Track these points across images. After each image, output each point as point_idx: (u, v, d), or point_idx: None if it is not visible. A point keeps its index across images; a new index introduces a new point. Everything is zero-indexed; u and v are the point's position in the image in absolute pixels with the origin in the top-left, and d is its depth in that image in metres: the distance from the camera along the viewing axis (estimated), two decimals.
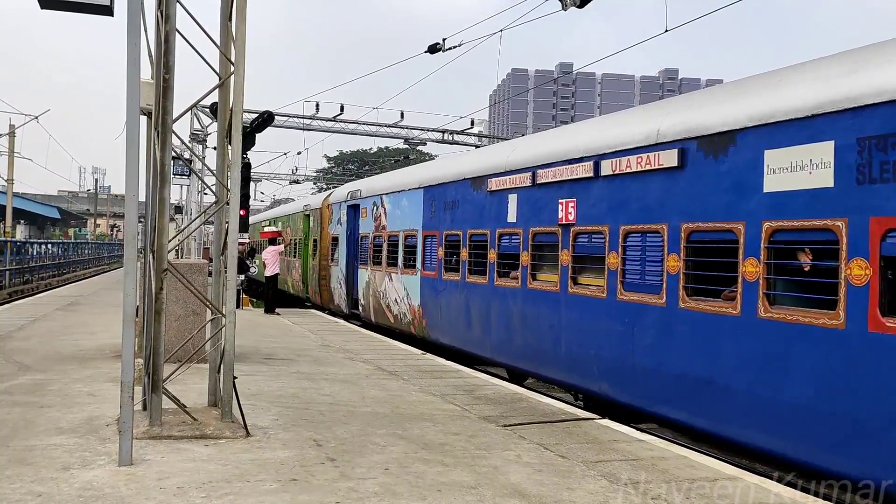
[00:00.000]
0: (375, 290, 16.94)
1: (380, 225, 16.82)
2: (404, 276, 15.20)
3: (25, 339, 12.57)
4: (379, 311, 16.73)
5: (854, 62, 6.32)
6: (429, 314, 13.98)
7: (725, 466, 6.35)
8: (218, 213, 7.21)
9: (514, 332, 11.02)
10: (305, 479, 5.41)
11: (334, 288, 20.65)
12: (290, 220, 28.98)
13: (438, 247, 13.56)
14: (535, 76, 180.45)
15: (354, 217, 19.00)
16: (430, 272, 13.90)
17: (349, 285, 19.28)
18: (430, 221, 13.99)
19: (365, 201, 18.24)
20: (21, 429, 6.54)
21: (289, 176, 54.91)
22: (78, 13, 7.11)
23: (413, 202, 15.00)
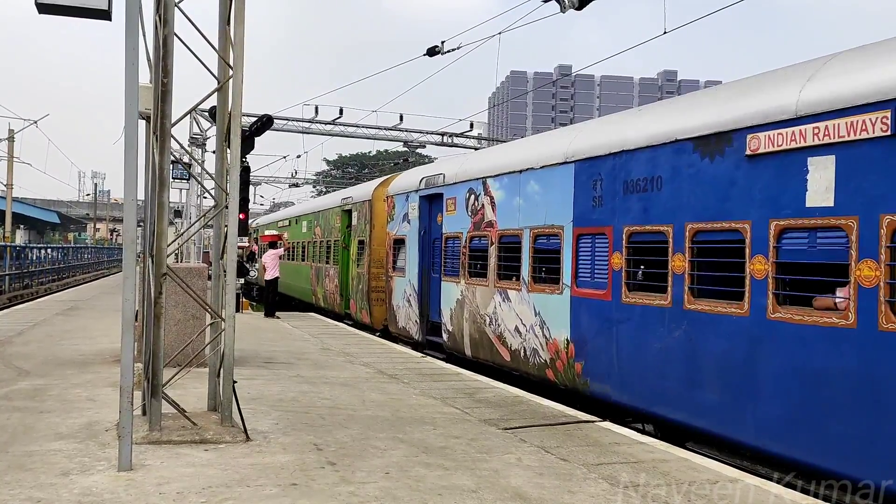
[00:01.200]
0: (474, 312, 11.93)
1: (482, 221, 11.83)
2: (534, 294, 10.23)
3: (25, 344, 12.56)
4: (480, 342, 11.76)
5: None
6: (590, 355, 9.05)
7: (726, 468, 6.33)
8: (217, 217, 7.20)
9: (836, 407, 6.04)
10: (306, 483, 5.39)
11: (398, 306, 15.45)
12: (319, 218, 24.01)
13: (612, 252, 8.67)
14: (534, 78, 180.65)
15: (431, 211, 14.22)
16: (594, 291, 9.00)
17: (423, 304, 14.24)
18: (591, 213, 9.12)
19: (452, 189, 13.11)
20: (20, 434, 6.52)
21: (288, 179, 54.96)
22: (76, 18, 7.10)
23: (552, 185, 10.00)
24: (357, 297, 18.81)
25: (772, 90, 6.98)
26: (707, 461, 6.57)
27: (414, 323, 14.63)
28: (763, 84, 7.24)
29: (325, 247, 22.70)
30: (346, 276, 20.03)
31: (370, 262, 17.57)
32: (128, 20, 5.63)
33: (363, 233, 18.42)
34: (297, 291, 27.33)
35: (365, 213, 18.44)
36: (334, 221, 21.71)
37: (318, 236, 23.78)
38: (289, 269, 28.33)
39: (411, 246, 14.84)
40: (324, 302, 22.78)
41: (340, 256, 20.63)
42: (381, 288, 17.01)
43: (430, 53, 19.89)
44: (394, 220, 15.96)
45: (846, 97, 6.12)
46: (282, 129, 27.67)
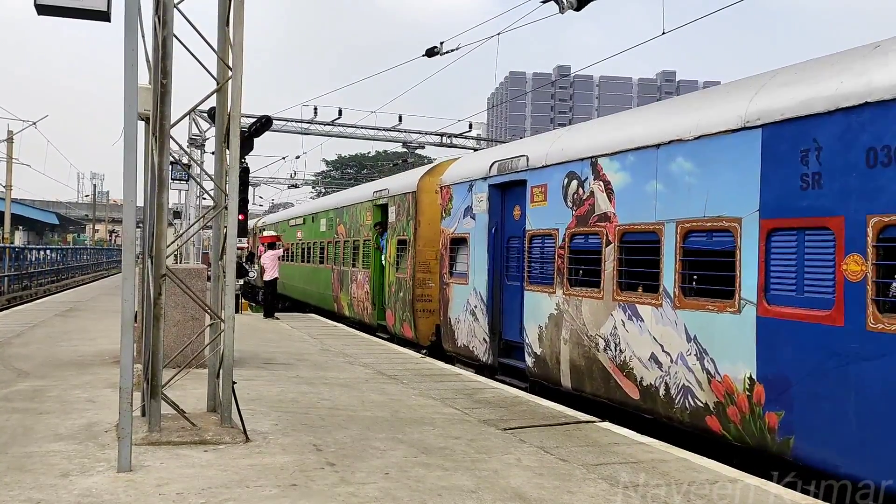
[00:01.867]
0: (579, 332, 9.21)
1: (590, 214, 9.12)
2: (685, 312, 7.58)
3: (24, 346, 12.55)
4: (588, 371, 9.04)
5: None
6: (798, 404, 6.37)
7: (726, 468, 6.33)
8: (216, 218, 7.21)
9: None
10: (305, 484, 5.39)
11: (457, 320, 12.69)
12: (343, 214, 20.91)
13: (842, 254, 6.00)
14: (533, 79, 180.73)
15: (504, 203, 11.52)
16: (808, 311, 6.30)
17: (494, 318, 11.54)
18: (798, 198, 6.45)
19: (541, 175, 10.25)
20: (20, 435, 6.52)
21: (287, 180, 54.92)
22: (75, 19, 7.10)
23: (717, 162, 7.35)
24: (396, 306, 15.74)
25: None
26: (706, 461, 6.57)
27: (481, 342, 11.78)
28: None
29: (352, 247, 19.69)
30: (380, 281, 17.24)
31: (415, 265, 14.77)
32: (127, 21, 5.63)
33: (405, 231, 15.46)
34: (315, 298, 24.42)
35: (407, 208, 15.47)
36: (363, 218, 18.68)
37: (342, 235, 20.73)
38: (304, 273, 26.27)
39: (476, 246, 12.03)
40: (349, 310, 19.72)
41: (372, 258, 17.66)
42: (428, 296, 14.54)
43: (429, 54, 19.90)
44: (450, 216, 13.08)
45: None
46: (281, 130, 27.66)
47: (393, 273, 16.10)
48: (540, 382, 10.22)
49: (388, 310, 16.37)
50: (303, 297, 26.30)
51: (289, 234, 29.83)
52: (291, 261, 28.69)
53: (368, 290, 17.92)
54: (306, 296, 25.80)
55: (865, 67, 6.08)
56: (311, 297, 24.92)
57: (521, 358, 10.64)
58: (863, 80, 6.02)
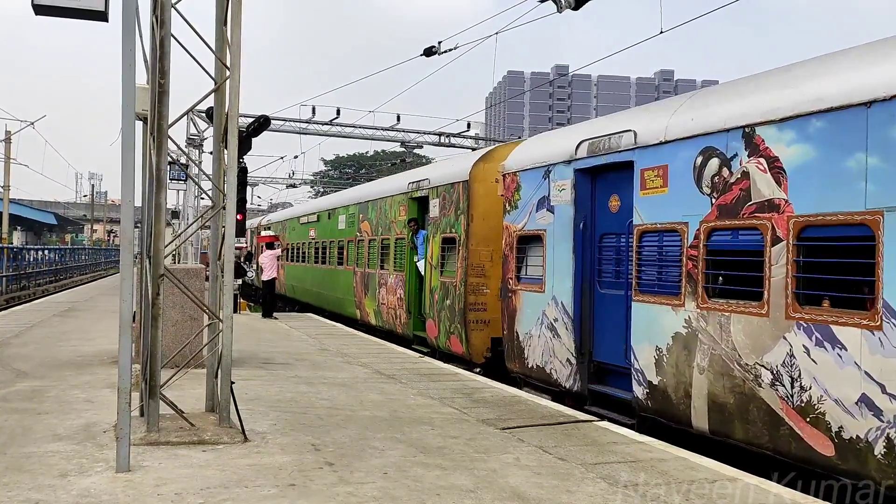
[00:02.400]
0: (726, 358, 7.06)
1: (743, 202, 7.00)
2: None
3: (22, 346, 12.54)
4: (742, 411, 6.89)
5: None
6: None
7: (724, 467, 6.34)
8: (214, 218, 7.20)
9: None
10: (304, 484, 5.39)
11: (529, 335, 10.36)
12: (369, 210, 18.37)
13: None
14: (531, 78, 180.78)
15: (595, 191, 9.41)
16: None
17: (583, 334, 9.39)
18: None
19: (657, 153, 8.21)
20: (18, 436, 6.51)
21: (286, 180, 54.93)
22: (72, 19, 7.10)
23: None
24: (441, 316, 13.38)
25: None
26: (705, 460, 6.58)
27: (563, 363, 9.53)
28: None
29: (379, 247, 17.26)
30: (416, 286, 15.01)
31: (466, 268, 12.51)
32: (124, 21, 5.62)
33: (452, 227, 13.17)
34: (331, 303, 21.80)
35: (455, 201, 13.18)
36: (395, 213, 16.31)
37: (367, 233, 18.29)
38: (318, 275, 23.69)
39: (556, 246, 9.77)
40: (376, 318, 17.25)
41: (406, 260, 15.32)
42: (482, 305, 12.48)
43: (427, 54, 19.91)
44: (517, 209, 10.75)
45: None
46: (279, 130, 27.66)
47: (436, 277, 13.73)
48: (655, 419, 8.04)
49: (430, 320, 13.92)
50: (316, 301, 23.61)
51: (299, 232, 27.14)
52: (302, 261, 26.33)
53: (402, 297, 15.40)
54: (320, 300, 23.11)
55: None
56: (327, 303, 22.28)
57: (625, 386, 8.40)
58: None
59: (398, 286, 15.84)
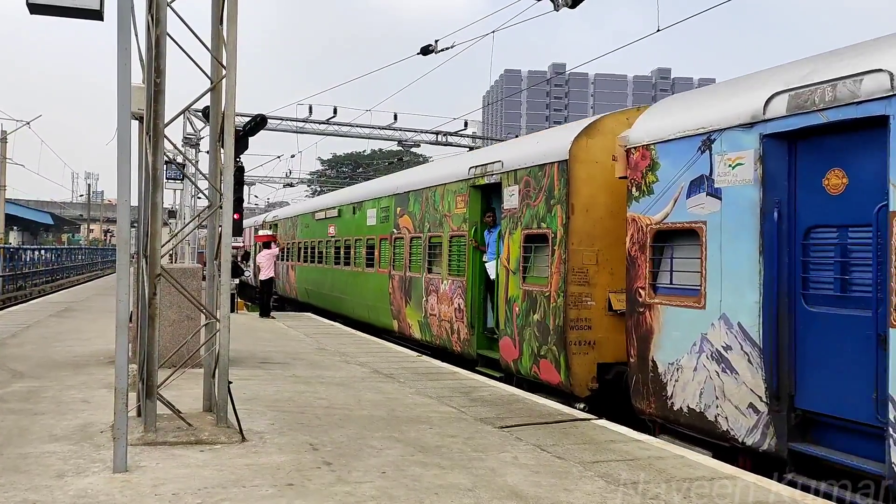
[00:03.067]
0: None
1: None
2: None
3: (19, 346, 12.51)
4: None
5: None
6: None
7: (723, 465, 6.34)
8: (211, 217, 7.19)
9: None
10: (302, 483, 5.38)
11: (676, 367, 7.76)
12: (410, 201, 15.46)
13: None
14: (528, 77, 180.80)
15: (797, 168, 6.78)
16: None
17: (780, 371, 6.64)
18: None
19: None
20: (15, 436, 6.49)
21: (283, 179, 54.88)
22: (68, 17, 7.07)
23: None
24: (525, 334, 10.53)
25: None
26: (703, 458, 6.59)
27: (745, 410, 6.89)
28: None
29: (425, 246, 14.37)
30: (479, 294, 12.37)
31: (566, 273, 9.67)
32: (120, 20, 5.60)
33: (542, 221, 10.32)
34: (358, 311, 18.87)
35: (546, 188, 10.25)
36: (448, 205, 13.44)
37: (408, 230, 15.31)
38: (340, 278, 20.61)
39: (728, 242, 7.20)
40: (422, 332, 14.29)
41: (469, 262, 12.50)
42: (586, 322, 9.62)
43: (424, 52, 19.88)
44: (652, 194, 8.13)
45: None
46: (276, 129, 27.63)
47: (514, 284, 10.86)
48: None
49: (505, 338, 11.02)
50: (337, 308, 20.82)
51: (314, 229, 24.24)
52: (319, 262, 23.24)
53: (462, 307, 12.53)
54: (343, 307, 20.22)
55: None
56: (352, 310, 19.35)
57: (870, 452, 5.90)
58: None
59: (455, 294, 12.90)
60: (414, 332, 14.75)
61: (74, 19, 7.12)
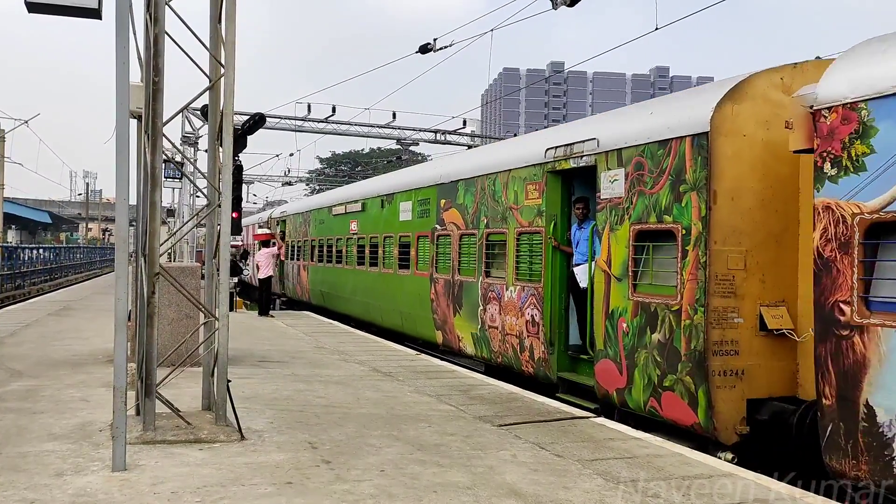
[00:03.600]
0: None
1: None
2: None
3: (17, 345, 12.50)
4: None
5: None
6: None
7: (720, 463, 6.37)
8: (210, 216, 7.19)
9: None
10: (301, 482, 5.38)
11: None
12: (458, 192, 13.07)
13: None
14: (527, 75, 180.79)
15: None
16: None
17: None
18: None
19: None
20: (13, 435, 6.49)
21: (281, 178, 54.90)
22: (66, 16, 7.07)
23: None
24: (638, 357, 8.31)
25: None
26: (701, 455, 6.60)
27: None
28: None
29: (483, 245, 11.94)
30: (559, 304, 10.19)
31: (706, 281, 7.51)
32: (118, 19, 5.60)
33: (665, 212, 8.09)
34: (387, 318, 16.63)
35: (674, 170, 8.00)
36: (516, 196, 11.05)
37: (458, 226, 12.93)
38: (363, 280, 18.27)
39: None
40: (479, 348, 12.04)
41: (547, 265, 10.17)
42: (732, 346, 7.47)
43: (423, 51, 19.89)
44: (864, 172, 5.99)
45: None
46: (274, 128, 27.64)
47: (620, 293, 8.65)
48: None
49: (606, 361, 8.80)
50: (359, 314, 18.61)
51: (330, 225, 21.83)
52: (338, 263, 20.83)
53: (537, 320, 10.27)
54: (369, 313, 17.89)
55: None
56: (381, 317, 17.00)
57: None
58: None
59: (527, 303, 10.57)
60: (465, 346, 12.52)
61: (73, 18, 7.11)
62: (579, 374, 9.84)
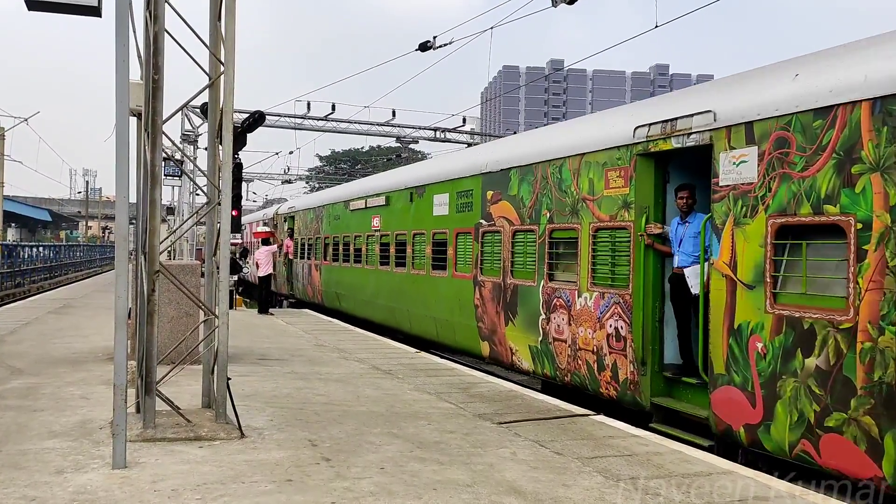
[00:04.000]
0: None
1: None
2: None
3: (17, 343, 12.51)
4: None
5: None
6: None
7: (719, 460, 6.37)
8: (210, 214, 7.19)
9: None
10: (301, 479, 5.39)
11: None
12: (514, 181, 11.14)
13: None
14: (527, 73, 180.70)
15: None
16: None
17: None
18: None
19: None
20: (14, 433, 6.50)
21: (281, 176, 54.90)
22: (66, 14, 7.07)
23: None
24: (782, 387, 6.50)
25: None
26: (700, 453, 6.60)
27: None
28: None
29: (546, 243, 10.20)
30: (651, 315, 8.42)
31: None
32: (118, 17, 5.60)
33: (829, 201, 6.22)
34: (416, 324, 14.67)
35: (831, 146, 6.26)
36: (590, 185, 9.40)
37: (510, 220, 11.10)
38: (388, 282, 16.28)
39: None
40: (541, 363, 10.24)
41: (637, 269, 8.52)
42: None
43: (423, 49, 19.87)
44: None
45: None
46: (274, 126, 27.65)
47: (754, 304, 6.83)
48: None
49: (729, 388, 7.06)
50: (383, 319, 16.71)
51: (347, 221, 19.93)
52: (355, 262, 18.96)
53: (624, 333, 8.58)
54: (395, 318, 15.92)
55: None
56: (409, 323, 15.05)
57: None
58: None
59: (608, 313, 8.88)
60: (521, 359, 10.72)
61: (72, 16, 7.11)
62: (680, 400, 8.09)
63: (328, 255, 21.63)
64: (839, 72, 6.40)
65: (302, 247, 24.79)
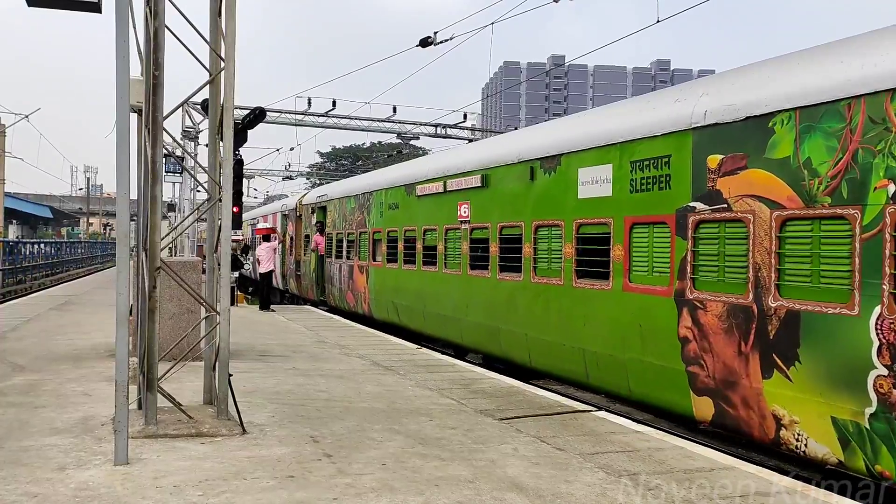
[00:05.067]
0: None
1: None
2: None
3: (19, 340, 12.52)
4: None
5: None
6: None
7: (721, 456, 6.37)
8: (211, 211, 7.18)
9: None
10: (302, 475, 5.39)
11: None
12: (826, 122, 6.21)
13: None
14: (528, 69, 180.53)
15: None
16: None
17: None
18: None
19: None
20: (16, 429, 6.51)
21: (282, 172, 54.88)
22: (66, 10, 7.06)
23: None
24: None
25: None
26: (702, 448, 6.61)
27: None
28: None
29: (877, 241, 5.78)
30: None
31: None
32: (118, 12, 5.59)
33: None
34: (542, 354, 10.46)
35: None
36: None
37: (773, 200, 6.72)
38: (480, 292, 12.20)
39: None
40: (864, 455, 5.83)
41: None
42: None
43: (423, 44, 19.84)
44: None
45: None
46: (275, 122, 27.62)
47: None
48: None
49: None
50: (486, 344, 12.29)
51: (410, 212, 15.52)
52: (429, 265, 14.40)
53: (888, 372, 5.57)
54: (502, 343, 11.62)
55: None
56: (538, 355, 10.56)
57: None
58: None
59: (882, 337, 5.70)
60: (803, 438, 6.41)
61: (73, 12, 7.10)
62: None
63: (379, 255, 17.25)
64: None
65: (338, 244, 20.33)
